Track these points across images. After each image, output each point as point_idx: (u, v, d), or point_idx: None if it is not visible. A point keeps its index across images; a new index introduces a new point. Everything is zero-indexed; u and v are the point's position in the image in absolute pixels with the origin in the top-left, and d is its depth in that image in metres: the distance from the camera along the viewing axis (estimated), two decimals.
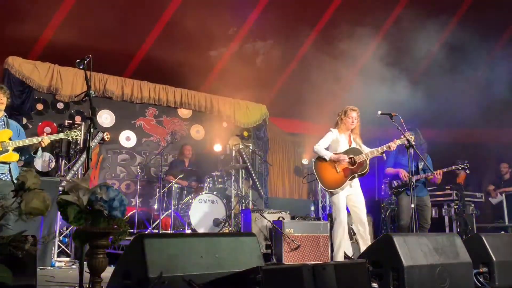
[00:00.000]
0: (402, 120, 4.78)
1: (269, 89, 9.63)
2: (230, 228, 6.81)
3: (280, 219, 6.40)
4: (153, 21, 7.73)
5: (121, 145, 7.96)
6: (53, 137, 4.45)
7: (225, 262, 2.70)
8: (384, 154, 4.78)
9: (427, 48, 8.70)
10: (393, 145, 4.66)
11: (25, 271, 2.10)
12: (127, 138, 8.06)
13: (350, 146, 4.81)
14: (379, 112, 4.97)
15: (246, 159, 8.61)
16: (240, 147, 8.66)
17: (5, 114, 4.31)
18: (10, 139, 4.13)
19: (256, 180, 8.60)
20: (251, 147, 8.83)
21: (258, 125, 9.50)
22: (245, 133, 9.40)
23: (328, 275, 2.53)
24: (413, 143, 5.80)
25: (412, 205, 5.52)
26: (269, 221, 6.29)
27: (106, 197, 2.02)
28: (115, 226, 2.14)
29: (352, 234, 6.42)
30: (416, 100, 7.68)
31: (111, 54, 7.17)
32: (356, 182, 4.72)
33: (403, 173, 5.50)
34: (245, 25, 8.42)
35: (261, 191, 8.52)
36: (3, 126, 4.20)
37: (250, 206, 8.08)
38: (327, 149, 4.74)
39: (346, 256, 6.38)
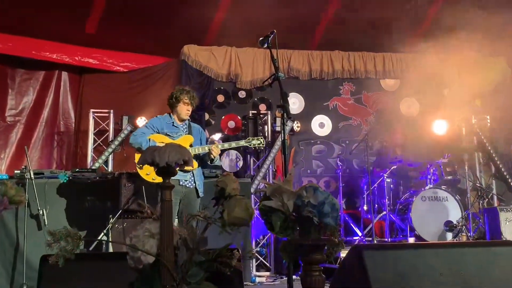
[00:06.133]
0: None
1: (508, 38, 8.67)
2: (469, 234, 6.48)
3: None
4: None
5: (314, 134, 8.32)
6: (226, 145, 5.07)
7: (474, 281, 2.60)
8: None
9: None
10: None
11: None
12: (321, 125, 8.37)
13: None
14: None
15: (483, 137, 7.97)
16: (473, 121, 8.05)
17: (189, 117, 4.98)
18: (191, 145, 4.76)
19: (500, 166, 7.89)
20: (488, 120, 8.13)
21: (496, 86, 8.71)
22: (478, 101, 8.70)
23: None
24: None
25: None
26: None
27: (314, 201, 2.11)
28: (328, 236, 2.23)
29: None
30: None
31: (290, 26, 7.48)
32: None
33: None
34: None
35: (509, 180, 7.79)
36: (185, 131, 4.88)
37: (495, 203, 7.50)
38: None
39: None
